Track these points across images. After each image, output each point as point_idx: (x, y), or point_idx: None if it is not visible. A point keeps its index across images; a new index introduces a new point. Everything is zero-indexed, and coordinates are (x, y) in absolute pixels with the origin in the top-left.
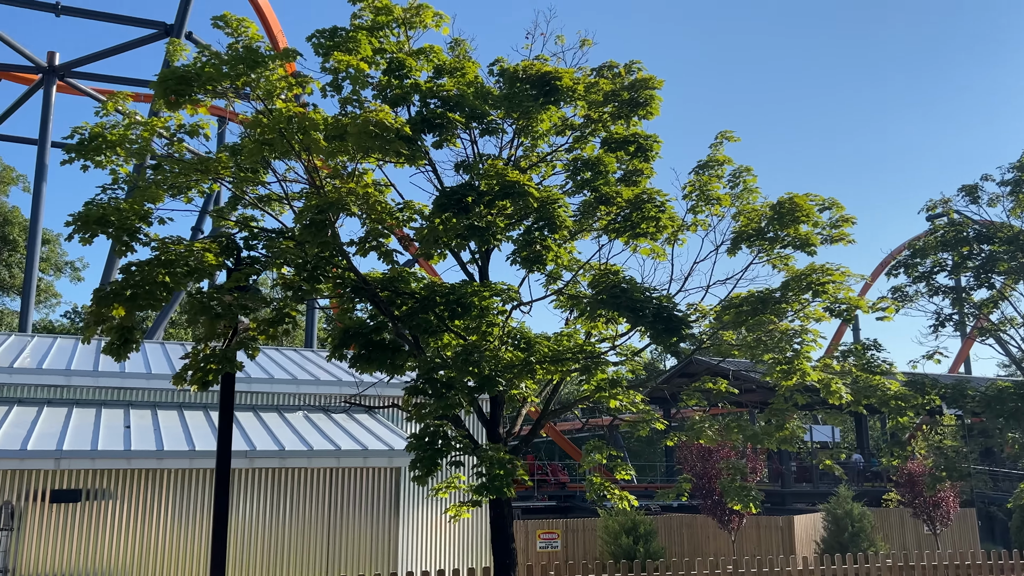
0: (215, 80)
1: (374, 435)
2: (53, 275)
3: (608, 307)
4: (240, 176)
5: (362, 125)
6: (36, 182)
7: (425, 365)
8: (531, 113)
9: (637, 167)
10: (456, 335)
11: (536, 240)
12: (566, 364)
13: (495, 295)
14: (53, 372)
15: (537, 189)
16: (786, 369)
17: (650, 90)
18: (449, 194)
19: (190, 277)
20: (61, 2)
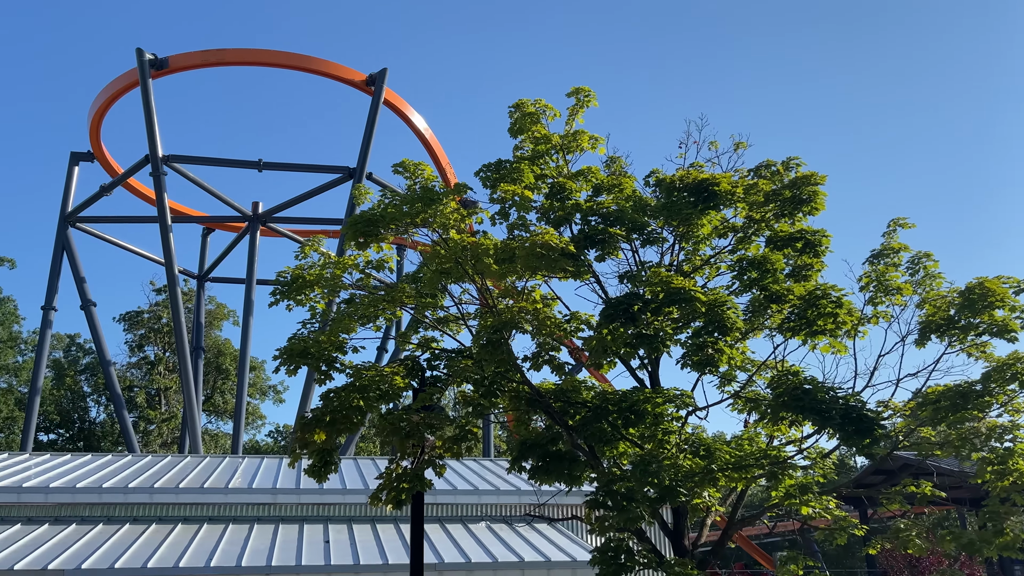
0: (397, 219)
1: (556, 546)
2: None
3: (790, 409)
4: (420, 302)
5: (529, 248)
6: (244, 316)
7: (603, 476)
8: (691, 219)
9: (806, 263)
10: (632, 443)
11: (707, 343)
12: (750, 471)
13: (668, 401)
14: (262, 491)
15: (703, 293)
16: (999, 469)
17: (813, 186)
18: (615, 304)
19: (381, 400)
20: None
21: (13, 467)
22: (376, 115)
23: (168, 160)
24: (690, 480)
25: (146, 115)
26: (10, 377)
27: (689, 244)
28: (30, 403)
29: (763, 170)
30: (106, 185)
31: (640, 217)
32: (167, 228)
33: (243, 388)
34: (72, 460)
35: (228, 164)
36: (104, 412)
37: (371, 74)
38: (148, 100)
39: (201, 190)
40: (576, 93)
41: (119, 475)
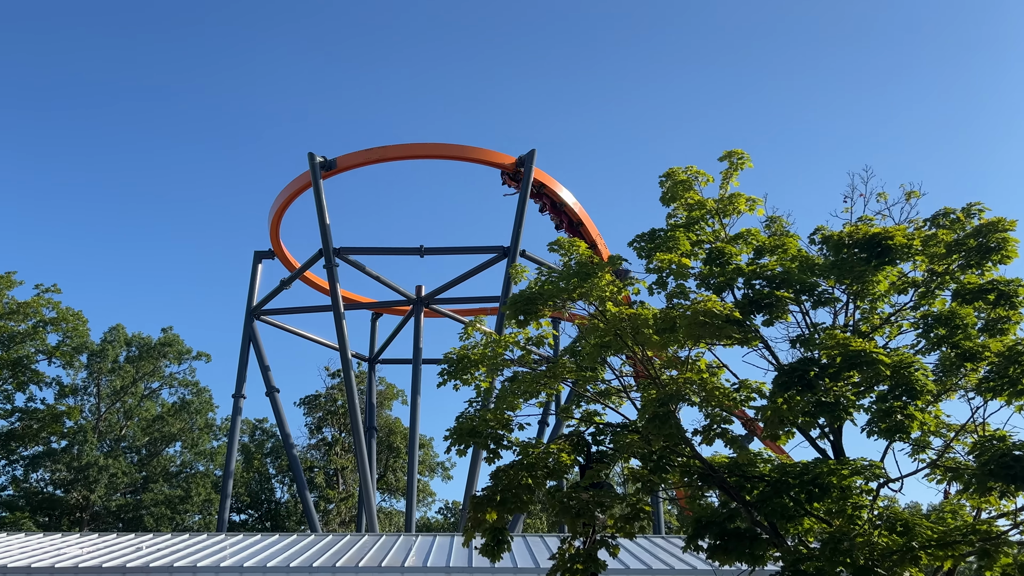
0: (555, 295)
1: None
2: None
3: (1000, 479)
4: (581, 375)
5: (692, 316)
6: (412, 395)
7: (789, 556)
8: (864, 277)
9: (1001, 315)
10: (818, 519)
11: (895, 408)
12: (957, 548)
13: (855, 472)
14: (436, 570)
15: (886, 354)
16: None
17: (1001, 233)
18: (789, 371)
19: (549, 477)
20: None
21: (212, 547)
22: (527, 195)
23: (339, 252)
24: (887, 559)
25: (319, 213)
26: (207, 461)
27: (865, 302)
28: (224, 486)
29: (941, 219)
30: (285, 279)
31: (808, 277)
32: (340, 315)
33: (414, 466)
34: (262, 540)
35: (393, 252)
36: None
37: (520, 156)
38: (320, 199)
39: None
40: (729, 156)
41: (304, 555)
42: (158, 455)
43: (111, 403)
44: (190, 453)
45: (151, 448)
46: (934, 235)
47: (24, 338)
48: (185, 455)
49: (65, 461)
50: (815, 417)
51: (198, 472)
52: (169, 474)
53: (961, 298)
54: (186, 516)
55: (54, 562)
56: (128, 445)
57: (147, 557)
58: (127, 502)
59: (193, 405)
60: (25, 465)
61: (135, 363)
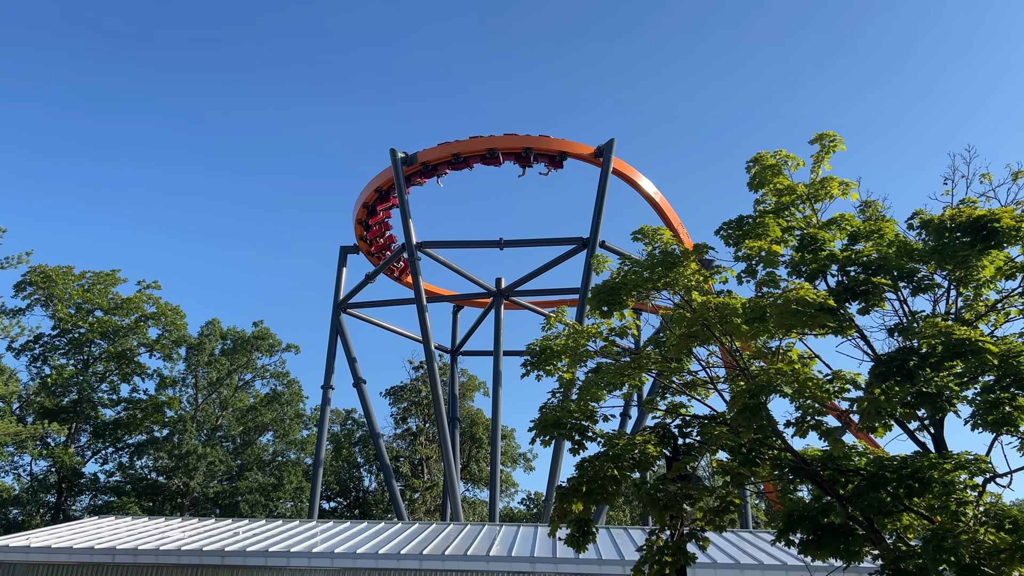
0: (638, 285)
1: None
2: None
3: None
4: (666, 367)
5: (783, 304)
6: (493, 386)
7: (888, 553)
8: (968, 262)
9: None
10: (918, 515)
11: (1002, 400)
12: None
13: (959, 467)
14: (521, 559)
15: (992, 342)
16: None
17: None
18: (887, 361)
19: (635, 469)
20: (503, 238)
21: (304, 533)
22: (606, 185)
23: (421, 246)
24: (995, 558)
25: (401, 208)
26: (298, 451)
27: (968, 289)
28: (315, 474)
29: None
30: (370, 274)
31: (907, 263)
32: (423, 308)
33: (496, 456)
34: (351, 527)
35: (473, 245)
36: (375, 481)
37: (599, 146)
38: (402, 195)
39: (451, 271)
40: (820, 139)
41: (391, 542)
42: (252, 444)
43: (208, 394)
44: (282, 442)
45: (245, 437)
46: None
47: (128, 332)
48: (277, 444)
49: (167, 449)
50: (915, 408)
51: (289, 460)
52: (262, 462)
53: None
54: (279, 503)
55: (158, 545)
56: (224, 434)
57: (244, 542)
58: (224, 489)
59: (284, 396)
60: (131, 452)
61: (230, 356)
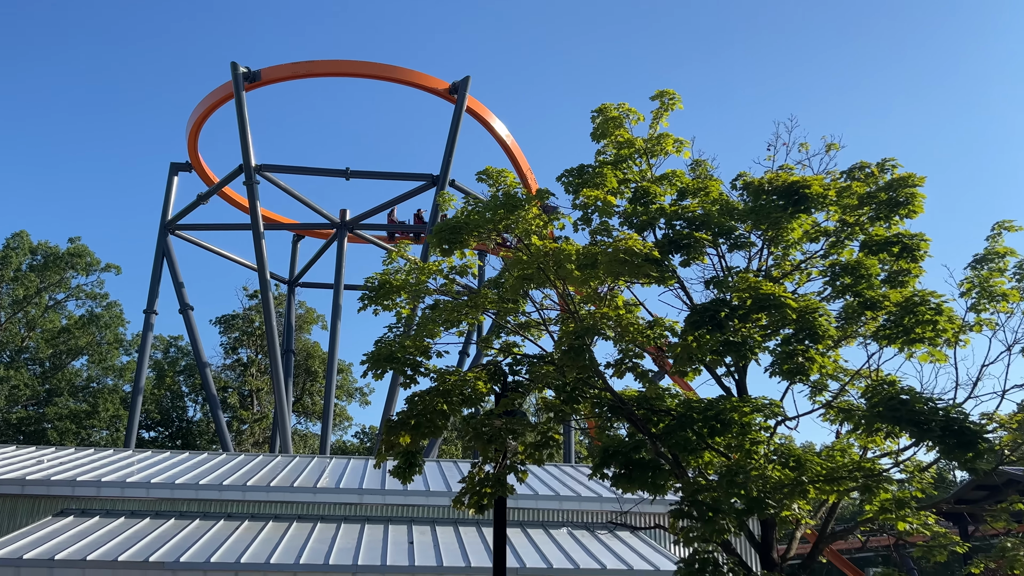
0: (480, 226)
1: (638, 554)
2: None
3: (886, 420)
4: (502, 307)
5: (612, 253)
6: (332, 320)
7: (688, 486)
8: (780, 223)
9: (903, 267)
10: (718, 453)
11: (797, 351)
12: (842, 483)
13: (756, 410)
14: (349, 491)
15: (793, 299)
16: None
17: (910, 188)
18: (701, 311)
19: (464, 404)
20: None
21: (118, 463)
22: (459, 123)
23: (261, 169)
24: (779, 492)
25: (240, 127)
26: (117, 377)
27: (778, 249)
28: (133, 402)
29: (857, 172)
30: (203, 194)
31: (727, 221)
32: (260, 235)
33: (331, 390)
34: (171, 457)
35: (317, 173)
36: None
37: (454, 82)
38: (242, 112)
39: (292, 198)
40: (660, 96)
41: (214, 473)
42: (63, 368)
43: (12, 312)
44: (98, 368)
45: (55, 361)
46: (848, 187)
47: None
48: (92, 370)
49: None
50: (722, 356)
51: (106, 387)
52: (75, 388)
53: (868, 249)
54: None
55: None
56: (30, 357)
57: (49, 471)
58: (29, 415)
59: (102, 319)
60: None
61: (40, 272)
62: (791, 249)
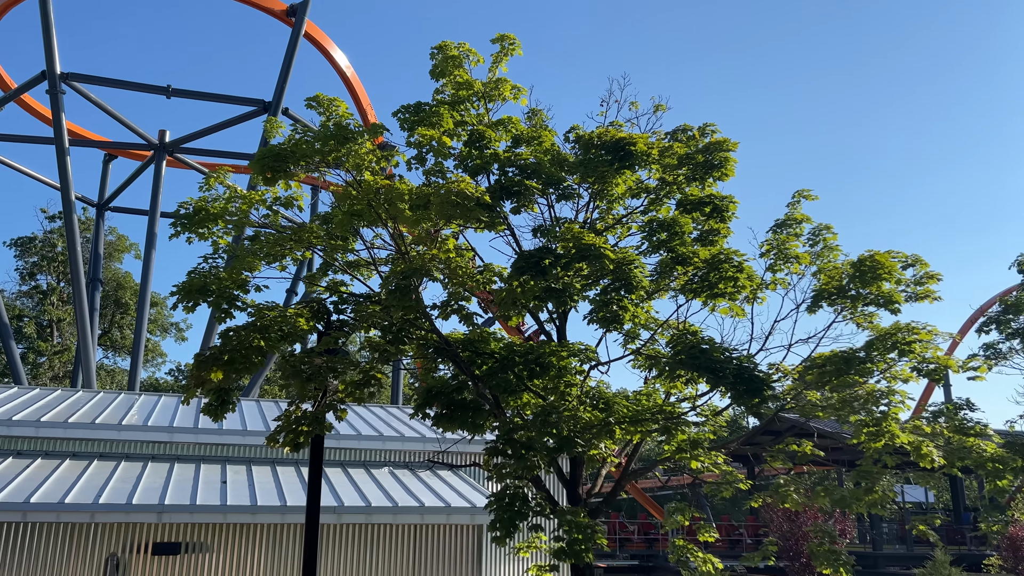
0: (308, 156)
1: (457, 492)
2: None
3: (687, 367)
4: (331, 244)
5: (444, 195)
6: (146, 250)
7: (505, 425)
8: (606, 178)
9: (713, 227)
10: (535, 395)
11: (613, 300)
12: (646, 425)
13: (573, 355)
14: (157, 429)
15: (613, 251)
16: (873, 431)
17: (724, 152)
18: (527, 257)
19: (284, 341)
20: (171, 85)
21: None
22: (295, 47)
23: (67, 78)
24: (588, 431)
25: (43, 26)
26: None
27: (603, 202)
28: None
29: (680, 134)
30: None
31: (557, 172)
32: (64, 151)
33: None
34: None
35: (134, 88)
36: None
37: (292, 4)
38: (46, 9)
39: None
40: (501, 40)
41: (3, 407)
42: None
43: None
44: None
45: None
46: (670, 147)
47: None
48: None
49: None
50: (544, 302)
51: None
52: None
53: (683, 208)
54: None
55: None
56: None
57: None
58: None
59: None
60: None
61: None
62: (615, 203)
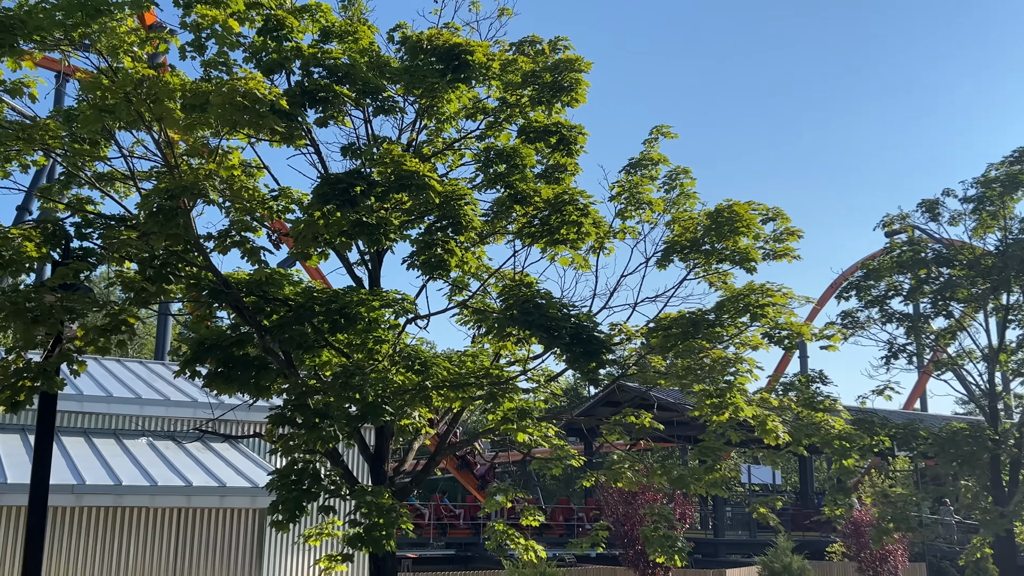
0: (46, 29)
1: (235, 469)
2: None
3: (519, 325)
4: (74, 148)
5: (228, 95)
6: None
7: (296, 388)
8: (437, 92)
9: (559, 162)
10: (338, 352)
11: (438, 242)
12: (468, 390)
13: (386, 306)
14: None
15: (440, 182)
16: (717, 403)
17: (576, 73)
18: (334, 182)
19: (3, 270)
20: None
21: None
22: None
23: None
24: (400, 397)
25: None
26: None
27: (432, 122)
28: None
29: (527, 47)
30: None
31: (376, 79)
32: None
33: None
34: None
35: None
36: None
37: None
38: None
39: None
40: None
41: None
42: None
43: None
44: None
45: None
46: (515, 61)
47: None
48: None
49: None
50: (353, 238)
51: None
52: None
53: (526, 136)
54: None
55: None
56: None
57: None
58: None
59: None
60: None
61: None
62: (446, 124)
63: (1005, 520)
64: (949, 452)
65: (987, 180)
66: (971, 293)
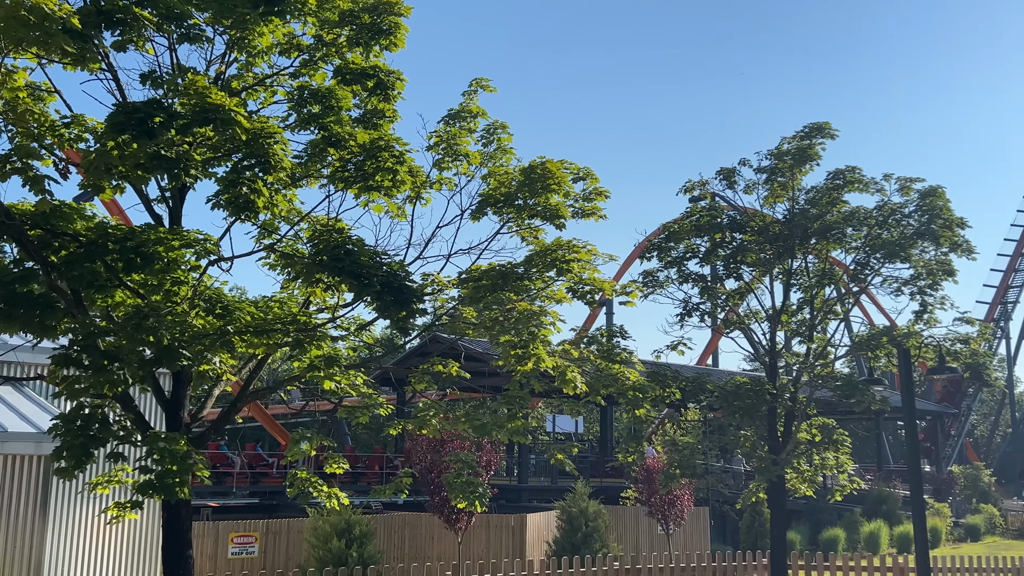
0: None
1: (17, 413)
2: None
3: (329, 271)
4: None
5: (12, 7)
6: None
7: (84, 328)
8: (248, 24)
9: (378, 107)
10: (133, 293)
11: (245, 181)
12: (274, 336)
13: (187, 245)
14: None
15: (248, 118)
16: (521, 354)
17: (396, 16)
18: (130, 111)
19: None
20: None
21: None
22: None
23: None
24: (199, 342)
25: None
26: None
27: (243, 55)
28: None
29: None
30: None
31: (182, 3)
32: None
33: None
34: None
35: None
36: None
37: None
38: None
39: None
40: None
41: None
42: None
43: None
44: None
45: None
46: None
47: None
48: None
49: None
50: (151, 172)
51: None
52: None
53: (342, 77)
54: None
55: None
56: None
57: None
58: None
59: None
60: None
61: None
62: (258, 59)
63: (778, 467)
64: (733, 404)
65: (780, 153)
66: (759, 258)
